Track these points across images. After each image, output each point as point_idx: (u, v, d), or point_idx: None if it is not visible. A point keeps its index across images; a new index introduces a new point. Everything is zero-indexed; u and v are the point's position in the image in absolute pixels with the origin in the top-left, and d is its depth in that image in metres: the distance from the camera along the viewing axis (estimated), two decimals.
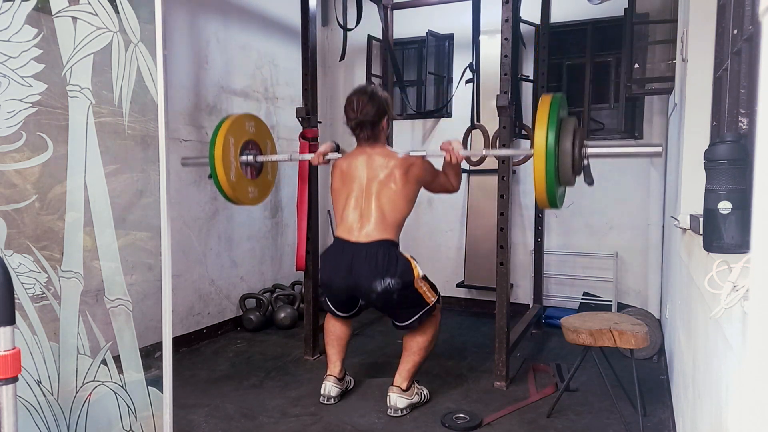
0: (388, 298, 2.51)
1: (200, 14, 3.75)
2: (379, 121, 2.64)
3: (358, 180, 2.62)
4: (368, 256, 2.49)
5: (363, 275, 2.49)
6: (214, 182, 2.85)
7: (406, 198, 2.60)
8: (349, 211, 2.60)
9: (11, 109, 1.68)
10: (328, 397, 2.73)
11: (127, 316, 1.73)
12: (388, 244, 2.54)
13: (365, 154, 2.65)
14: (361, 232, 2.55)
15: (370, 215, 2.56)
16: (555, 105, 2.19)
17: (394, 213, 2.57)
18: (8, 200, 1.71)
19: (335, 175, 2.72)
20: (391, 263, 2.48)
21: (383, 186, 2.58)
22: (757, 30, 1.41)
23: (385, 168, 2.59)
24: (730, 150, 1.32)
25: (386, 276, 2.47)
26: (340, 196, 2.66)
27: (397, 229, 2.60)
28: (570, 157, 2.21)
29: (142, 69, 1.63)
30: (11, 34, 1.66)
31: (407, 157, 2.63)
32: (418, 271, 2.56)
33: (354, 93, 2.67)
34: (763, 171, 0.58)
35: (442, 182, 2.76)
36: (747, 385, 0.70)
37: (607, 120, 4.34)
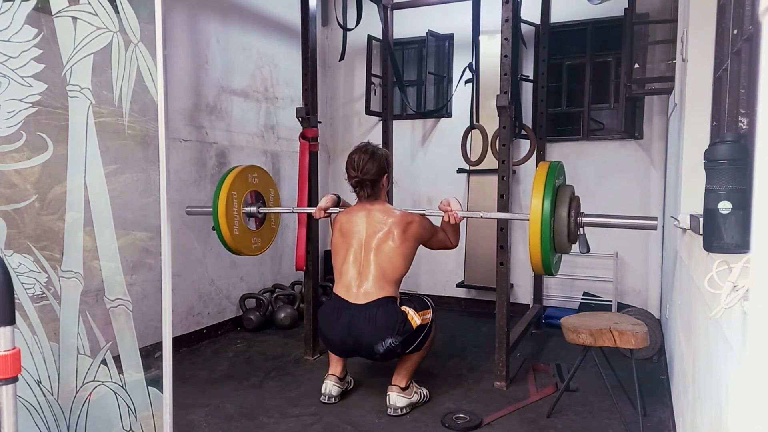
0: (393, 354, 2.57)
1: (200, 14, 3.75)
2: (379, 179, 2.69)
3: (357, 236, 2.66)
4: (368, 318, 2.51)
5: (364, 337, 2.52)
6: (217, 235, 2.89)
7: (404, 255, 2.64)
8: (347, 267, 2.63)
9: (11, 109, 1.68)
10: (329, 397, 2.73)
11: (127, 316, 1.73)
12: (386, 302, 2.56)
13: (365, 210, 2.70)
14: (359, 291, 2.58)
15: (369, 272, 2.59)
16: (552, 173, 2.22)
17: (392, 271, 2.61)
18: (8, 200, 1.71)
19: (335, 230, 2.76)
20: (389, 323, 2.50)
21: (382, 243, 2.61)
22: (757, 30, 1.41)
23: (384, 225, 2.64)
24: (730, 150, 1.32)
25: (387, 337, 2.50)
26: (339, 251, 2.70)
27: (395, 286, 2.64)
28: (566, 225, 2.23)
29: (142, 69, 1.63)
30: (11, 34, 1.66)
31: (406, 215, 2.68)
32: (414, 320, 2.56)
33: (355, 151, 2.72)
34: (763, 171, 0.58)
35: (441, 239, 2.81)
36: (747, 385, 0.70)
37: (607, 120, 4.34)
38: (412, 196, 4.89)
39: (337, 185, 5.03)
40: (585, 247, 2.28)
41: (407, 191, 4.87)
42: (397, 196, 4.68)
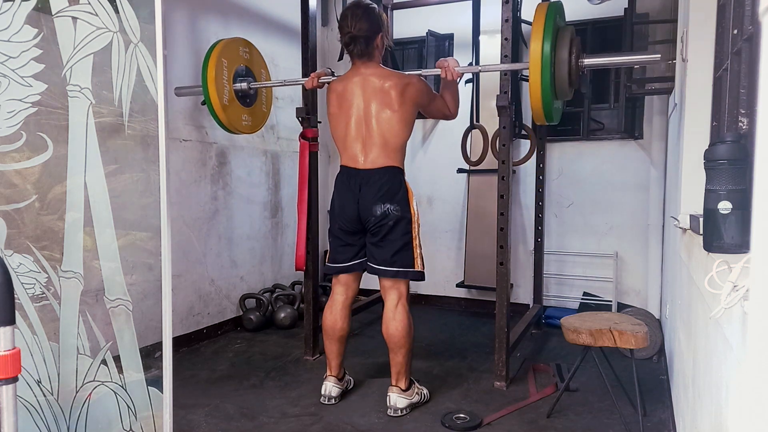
0: (384, 223, 2.59)
1: (200, 14, 3.75)
2: (373, 37, 2.61)
3: (355, 105, 2.62)
4: (374, 181, 2.58)
5: (368, 198, 2.58)
6: (207, 108, 2.83)
7: (405, 121, 2.61)
8: (351, 140, 2.63)
9: (11, 109, 1.68)
10: (329, 398, 2.73)
11: (127, 316, 1.73)
12: (393, 171, 2.61)
13: (360, 76, 2.63)
14: (366, 160, 2.61)
15: (372, 143, 2.60)
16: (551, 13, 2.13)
17: (394, 138, 2.60)
18: (8, 200, 1.71)
19: (331, 99, 2.71)
20: (392, 190, 2.58)
21: (381, 110, 2.59)
22: (757, 30, 1.41)
23: (380, 90, 2.59)
24: (730, 150, 1.32)
25: (386, 201, 2.57)
26: (338, 123, 2.67)
27: (400, 154, 2.65)
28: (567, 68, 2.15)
29: (142, 69, 1.63)
30: (11, 34, 1.66)
31: (402, 76, 2.63)
32: (414, 210, 2.65)
33: (348, 7, 2.64)
34: (763, 171, 0.58)
35: (440, 105, 2.76)
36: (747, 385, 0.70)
37: (607, 120, 4.34)
38: (414, 195, 4.87)
39: None
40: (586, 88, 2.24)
41: None
42: None
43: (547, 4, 2.16)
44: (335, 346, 2.78)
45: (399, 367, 2.64)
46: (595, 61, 2.21)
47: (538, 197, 4.18)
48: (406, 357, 2.66)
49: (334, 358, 2.78)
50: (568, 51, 2.14)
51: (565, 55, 2.13)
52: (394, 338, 2.63)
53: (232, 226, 4.03)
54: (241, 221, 4.12)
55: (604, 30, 4.23)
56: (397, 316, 2.63)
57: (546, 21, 2.09)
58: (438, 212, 4.79)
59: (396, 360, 2.64)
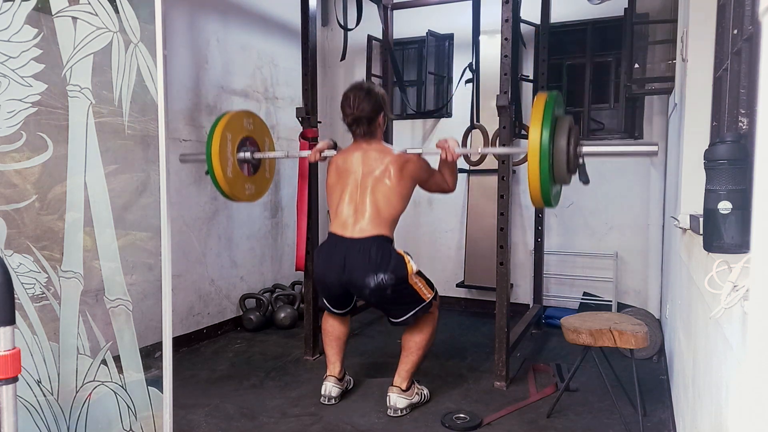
0: (382, 294, 2.49)
1: (200, 14, 3.75)
2: (375, 117, 2.63)
3: (353, 175, 2.61)
4: (362, 251, 2.48)
5: (356, 270, 2.48)
6: (211, 178, 2.85)
7: (401, 195, 2.60)
8: (343, 206, 2.60)
9: (11, 109, 1.68)
10: (329, 398, 2.73)
11: (127, 316, 1.73)
12: (382, 240, 2.52)
13: (361, 150, 2.65)
14: (355, 227, 2.54)
15: (365, 210, 2.55)
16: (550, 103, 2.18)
17: (388, 209, 2.56)
18: (8, 200, 1.71)
19: (331, 170, 2.71)
20: (384, 258, 2.47)
21: (378, 182, 2.57)
22: (757, 30, 1.41)
23: (380, 164, 2.59)
24: (730, 150, 1.32)
25: (379, 271, 2.45)
26: (334, 191, 2.66)
27: (391, 226, 2.59)
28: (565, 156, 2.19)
29: (142, 69, 1.63)
30: (11, 34, 1.66)
31: (403, 154, 2.63)
32: (411, 266, 2.54)
33: (350, 89, 2.66)
34: (763, 171, 0.58)
35: (438, 181, 2.76)
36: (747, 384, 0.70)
37: (607, 120, 4.34)
38: (412, 196, 4.87)
39: None
40: (585, 176, 2.25)
41: None
42: None
43: (547, 94, 2.23)
44: (335, 346, 2.78)
45: (408, 366, 2.65)
46: (594, 149, 2.28)
47: None
48: (419, 360, 2.68)
49: (334, 358, 2.78)
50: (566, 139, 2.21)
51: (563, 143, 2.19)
52: (415, 342, 2.65)
53: (232, 226, 4.03)
54: (241, 221, 4.12)
55: (604, 30, 4.23)
56: (425, 327, 2.66)
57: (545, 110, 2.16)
58: (438, 212, 4.79)
59: (408, 359, 2.65)
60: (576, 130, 2.27)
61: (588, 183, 2.26)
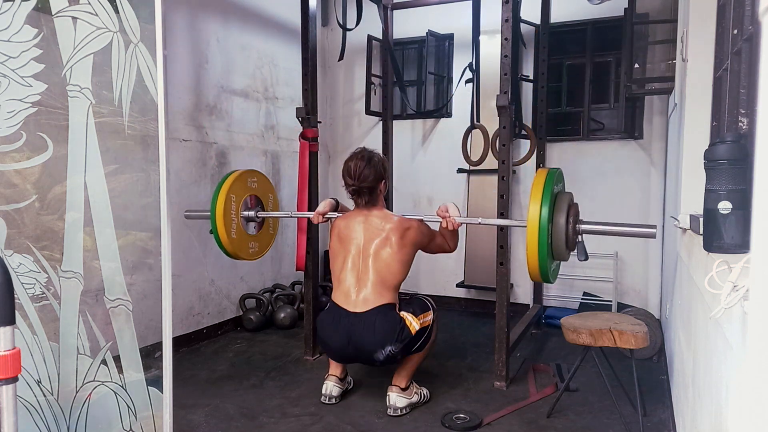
0: (393, 360, 2.57)
1: (200, 14, 3.75)
2: (376, 186, 2.68)
3: (355, 242, 2.65)
4: (367, 326, 2.51)
5: (364, 345, 2.52)
6: (214, 238, 2.89)
7: (402, 261, 2.62)
8: (346, 274, 2.62)
9: (11, 109, 1.68)
10: (330, 397, 2.73)
11: (127, 316, 1.73)
12: (385, 310, 2.55)
13: (362, 216, 2.69)
14: (358, 298, 2.57)
15: (367, 279, 2.59)
16: (550, 180, 2.20)
17: (390, 277, 2.59)
18: (8, 200, 1.71)
19: (333, 235, 2.75)
20: (388, 331, 2.50)
21: (380, 249, 2.61)
22: (757, 30, 1.41)
23: (381, 231, 2.63)
24: (730, 150, 1.32)
25: (386, 345, 2.50)
26: (337, 258, 2.69)
27: (395, 293, 2.63)
28: (564, 233, 2.21)
29: (142, 69, 1.62)
30: (11, 34, 1.66)
31: (403, 221, 2.66)
32: (413, 325, 2.56)
33: (351, 158, 2.69)
34: (763, 171, 0.58)
35: (439, 243, 2.80)
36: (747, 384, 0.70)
37: (607, 120, 4.34)
38: (412, 196, 4.89)
39: (337, 185, 5.03)
40: (583, 254, 2.26)
41: (407, 191, 4.87)
42: (397, 196, 4.68)
43: (547, 170, 2.23)
44: None
45: (408, 367, 2.66)
46: (592, 227, 2.29)
47: None
48: (419, 362, 2.70)
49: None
50: (565, 217, 2.21)
51: (562, 220, 2.20)
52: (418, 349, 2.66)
53: None
54: None
55: (604, 30, 4.23)
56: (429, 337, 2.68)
57: (545, 186, 2.17)
58: None
59: (411, 362, 2.66)
60: (575, 208, 2.28)
61: (587, 260, 2.28)
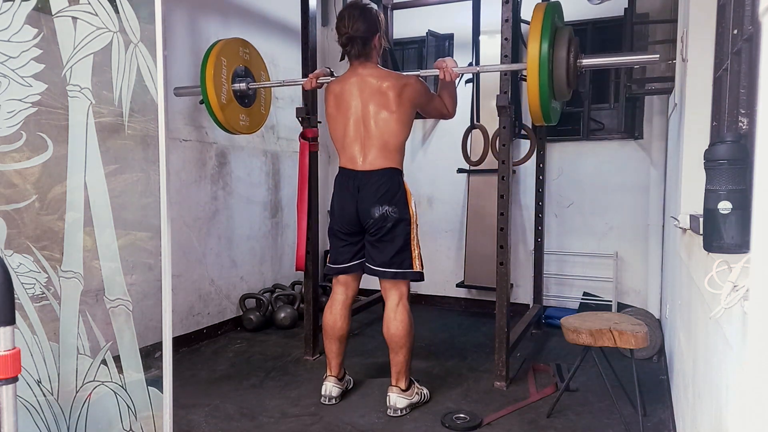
0: (383, 225, 2.59)
1: (200, 14, 3.75)
2: (370, 38, 2.62)
3: (353, 106, 2.62)
4: (372, 182, 2.58)
5: (366, 200, 2.58)
6: (206, 107, 2.84)
7: (401, 121, 2.61)
8: (349, 141, 2.64)
9: (11, 109, 1.68)
10: (329, 398, 2.73)
11: (127, 316, 1.73)
12: (392, 173, 2.61)
13: (357, 76, 2.64)
14: (365, 161, 2.61)
15: (371, 144, 2.60)
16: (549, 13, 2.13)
17: (392, 138, 2.60)
18: (8, 200, 1.71)
19: (329, 99, 2.71)
20: (390, 192, 2.58)
21: (378, 111, 2.59)
22: (757, 30, 1.41)
23: (378, 91, 2.59)
24: (730, 150, 1.32)
25: (384, 204, 2.57)
26: (337, 124, 2.68)
27: (399, 155, 2.65)
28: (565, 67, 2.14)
29: (142, 69, 1.63)
30: (11, 34, 1.66)
31: (400, 77, 2.64)
32: (412, 210, 2.65)
33: (346, 8, 2.65)
34: (763, 171, 0.58)
35: (437, 105, 2.78)
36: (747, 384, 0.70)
37: (607, 120, 4.34)
38: (412, 196, 4.87)
39: None
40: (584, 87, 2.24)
41: None
42: None
43: (545, 4, 2.16)
44: (335, 346, 2.78)
45: (399, 366, 2.64)
46: (594, 61, 2.21)
47: (538, 197, 4.18)
48: (407, 357, 2.66)
49: (334, 358, 2.78)
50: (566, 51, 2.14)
51: (563, 54, 2.13)
52: (395, 338, 2.63)
53: (232, 226, 4.03)
54: (241, 221, 4.12)
55: (604, 30, 4.23)
56: (398, 316, 2.63)
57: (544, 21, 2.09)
58: (438, 212, 4.79)
59: (396, 360, 2.64)
60: (576, 41, 2.21)
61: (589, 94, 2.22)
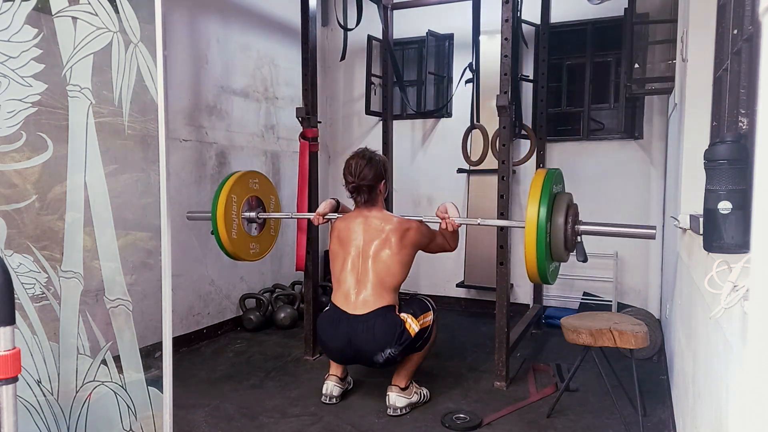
0: (393, 362, 2.58)
1: (200, 14, 3.75)
2: (376, 186, 2.68)
3: (354, 243, 2.65)
4: (366, 329, 2.51)
5: (363, 347, 2.53)
6: (215, 239, 2.89)
7: (402, 262, 2.62)
8: (345, 275, 2.62)
9: (11, 109, 1.68)
10: (330, 397, 2.73)
11: (127, 316, 1.73)
12: (385, 312, 2.55)
13: (362, 217, 2.69)
14: (358, 299, 2.57)
15: (367, 281, 2.58)
16: (549, 180, 2.18)
17: (390, 278, 2.59)
18: (8, 200, 1.71)
19: (333, 237, 2.75)
20: (388, 334, 2.50)
21: (379, 250, 2.60)
22: (757, 30, 1.41)
23: (381, 232, 2.63)
24: (730, 150, 1.32)
25: (386, 347, 2.51)
26: (337, 259, 2.69)
27: (394, 295, 2.63)
28: (562, 233, 2.19)
29: (142, 69, 1.62)
30: (11, 34, 1.66)
31: (403, 222, 2.67)
32: (412, 327, 2.56)
33: (352, 157, 2.71)
34: (763, 171, 0.58)
35: (440, 243, 2.80)
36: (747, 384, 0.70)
37: (607, 120, 4.34)
38: (413, 196, 4.89)
39: (337, 185, 5.03)
40: (582, 256, 2.25)
41: (407, 191, 4.87)
42: (397, 196, 4.68)
43: (546, 170, 2.21)
44: None
45: (408, 368, 2.66)
46: (591, 228, 2.26)
47: None
48: (421, 360, 2.70)
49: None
50: (564, 217, 2.18)
51: (561, 220, 2.17)
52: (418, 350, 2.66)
53: None
54: None
55: (604, 30, 4.23)
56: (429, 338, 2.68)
57: (543, 186, 2.14)
58: None
59: (411, 362, 2.67)
60: (574, 208, 2.25)
61: (586, 261, 2.27)
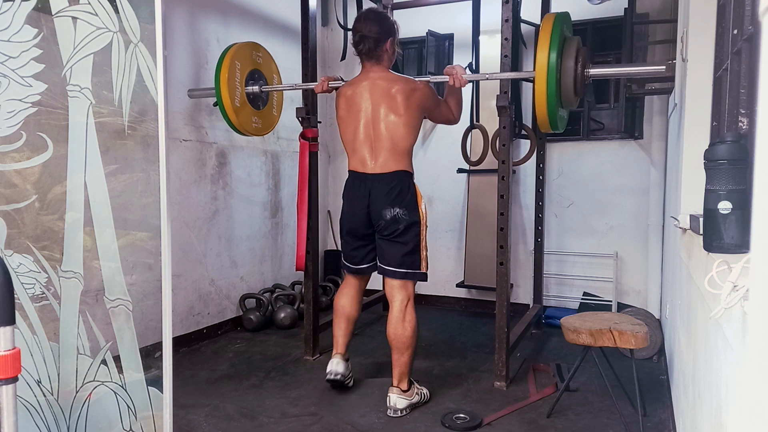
0: (395, 227, 2.64)
1: (200, 14, 3.75)
2: (383, 39, 2.67)
3: (363, 109, 2.67)
4: (383, 185, 2.63)
5: (377, 202, 2.63)
6: (219, 109, 2.88)
7: (409, 125, 2.65)
8: (359, 144, 2.68)
9: (11, 109, 1.68)
10: (336, 373, 2.75)
11: (127, 316, 1.73)
12: (402, 175, 2.65)
13: (368, 80, 2.69)
14: (375, 164, 2.65)
15: (381, 147, 2.64)
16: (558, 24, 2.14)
17: (401, 141, 2.65)
18: (8, 200, 1.71)
19: (340, 103, 2.76)
20: (401, 194, 2.62)
21: (388, 114, 2.63)
22: (757, 30, 1.41)
23: (387, 94, 2.64)
24: (730, 150, 1.32)
25: (396, 206, 2.61)
26: (347, 126, 2.72)
27: (408, 158, 2.69)
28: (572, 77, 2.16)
29: (142, 69, 1.63)
30: (11, 34, 1.66)
31: (409, 81, 2.69)
32: (423, 211, 2.68)
33: (363, 12, 2.75)
34: (763, 171, 0.58)
35: (444, 111, 2.84)
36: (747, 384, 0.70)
37: (607, 120, 4.34)
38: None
39: (337, 185, 5.03)
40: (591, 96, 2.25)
41: None
42: None
43: (555, 15, 2.17)
44: (344, 324, 2.83)
45: (402, 367, 2.66)
46: (601, 71, 2.24)
47: (538, 197, 4.18)
48: (411, 358, 2.68)
49: (342, 336, 2.82)
50: (574, 60, 2.15)
51: (571, 64, 2.15)
52: (401, 339, 2.64)
53: (232, 226, 4.03)
54: (241, 221, 4.11)
55: (604, 30, 4.23)
56: (407, 317, 2.66)
57: (553, 31, 2.11)
58: (438, 212, 4.79)
59: (400, 360, 2.65)
60: (584, 51, 2.22)
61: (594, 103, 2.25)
